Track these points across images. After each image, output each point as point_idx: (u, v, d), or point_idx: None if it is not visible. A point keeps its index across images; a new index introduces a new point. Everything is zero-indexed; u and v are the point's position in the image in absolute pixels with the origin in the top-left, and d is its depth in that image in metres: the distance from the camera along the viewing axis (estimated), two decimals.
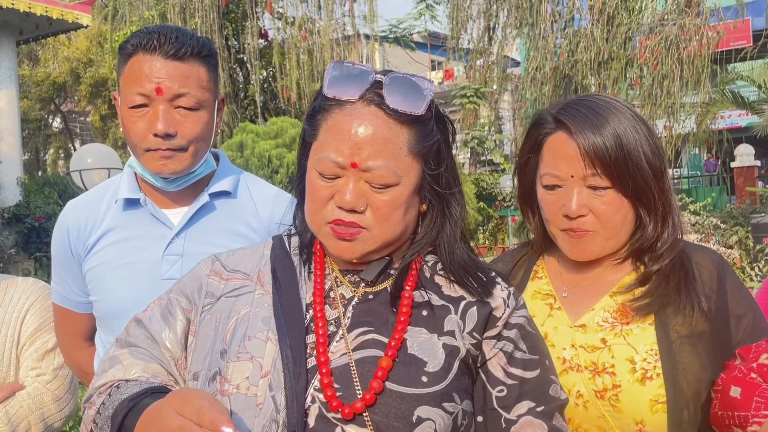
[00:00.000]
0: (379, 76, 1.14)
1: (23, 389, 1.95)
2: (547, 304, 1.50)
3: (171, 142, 1.54)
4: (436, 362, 1.10)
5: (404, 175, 1.12)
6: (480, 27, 16.39)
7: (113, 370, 1.18)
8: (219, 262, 1.26)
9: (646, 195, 1.39)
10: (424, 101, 1.12)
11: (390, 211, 1.12)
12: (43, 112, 25.81)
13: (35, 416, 1.93)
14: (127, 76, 1.56)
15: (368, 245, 1.13)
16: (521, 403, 1.13)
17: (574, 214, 1.38)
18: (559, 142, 1.41)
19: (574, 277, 1.50)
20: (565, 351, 1.42)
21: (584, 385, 1.38)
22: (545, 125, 1.45)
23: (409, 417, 1.05)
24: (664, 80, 13.32)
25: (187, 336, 1.20)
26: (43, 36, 14.08)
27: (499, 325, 1.16)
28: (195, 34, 1.60)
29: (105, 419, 1.10)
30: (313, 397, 1.07)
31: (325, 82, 1.14)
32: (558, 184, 1.41)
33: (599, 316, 1.43)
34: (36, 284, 2.08)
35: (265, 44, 15.91)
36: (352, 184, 1.11)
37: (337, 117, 1.12)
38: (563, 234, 1.42)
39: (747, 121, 19.42)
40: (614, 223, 1.39)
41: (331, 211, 1.12)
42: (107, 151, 8.14)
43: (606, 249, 1.43)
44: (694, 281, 1.40)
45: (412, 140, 1.13)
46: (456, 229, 1.20)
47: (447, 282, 1.20)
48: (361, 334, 1.13)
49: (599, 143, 1.36)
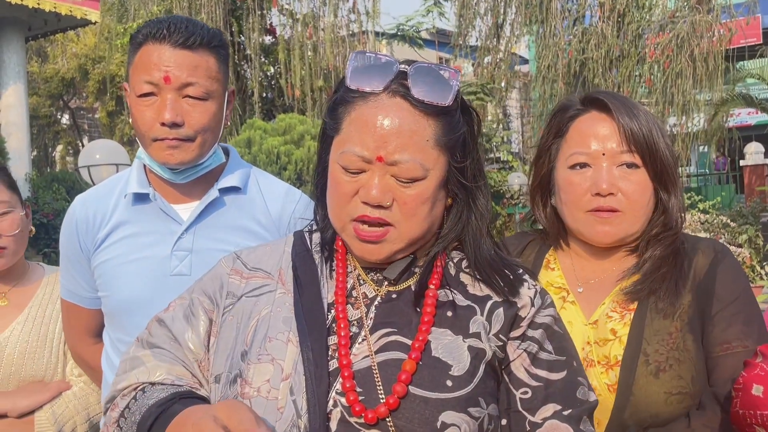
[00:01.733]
0: (404, 66, 1.10)
1: (69, 389, 1.95)
2: (560, 298, 1.50)
3: (178, 131, 1.53)
4: (461, 366, 1.07)
5: (431, 168, 1.08)
6: (488, 24, 16.33)
7: (136, 371, 1.15)
8: (240, 261, 1.23)
9: (670, 179, 1.42)
10: (451, 92, 1.08)
11: (417, 206, 1.08)
12: (52, 109, 25.91)
13: (81, 416, 1.92)
14: (137, 65, 1.55)
15: (395, 245, 1.10)
16: (547, 406, 1.09)
17: (606, 191, 1.38)
18: (592, 120, 1.43)
19: (587, 271, 1.51)
20: (582, 350, 1.42)
21: (597, 379, 1.38)
22: (571, 109, 1.46)
23: (434, 422, 1.02)
24: (677, 78, 13.24)
25: (210, 337, 1.17)
26: (52, 32, 14.13)
27: (524, 325, 1.13)
28: (206, 25, 1.59)
29: (131, 424, 1.06)
30: (335, 401, 1.04)
31: (348, 73, 1.10)
32: (587, 163, 1.41)
33: (608, 308, 1.44)
34: None
35: (272, 41, 15.91)
36: (378, 179, 1.06)
37: (361, 109, 1.08)
38: (588, 216, 1.41)
39: (756, 119, 19.33)
40: (641, 205, 1.40)
41: (356, 207, 1.08)
42: (115, 147, 8.16)
43: (629, 233, 1.43)
44: (683, 270, 1.41)
45: (439, 132, 1.09)
46: (482, 223, 1.16)
47: (472, 280, 1.16)
48: (384, 335, 1.09)
49: (635, 124, 1.39)
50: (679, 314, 1.38)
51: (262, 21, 15.32)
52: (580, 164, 1.42)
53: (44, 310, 2.00)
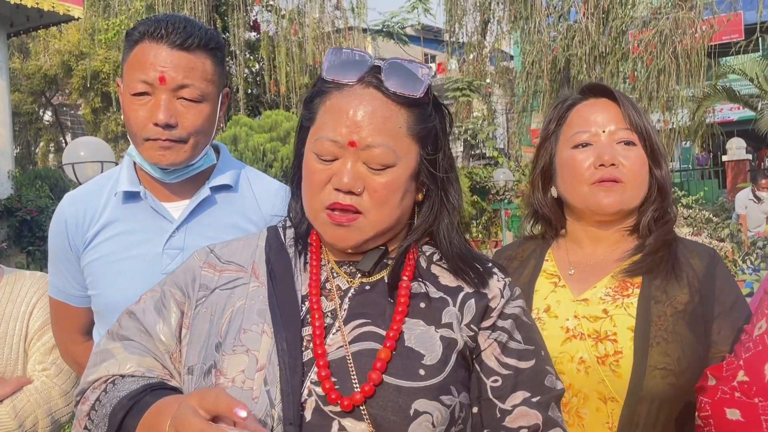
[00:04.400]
0: (378, 61, 1.15)
1: (31, 383, 1.94)
2: (551, 282, 1.57)
3: (171, 132, 1.52)
4: (434, 355, 1.10)
5: (403, 156, 1.13)
6: (476, 21, 16.37)
7: (106, 364, 1.16)
8: (213, 254, 1.25)
9: (661, 156, 1.54)
10: (423, 84, 1.13)
11: (387, 194, 1.12)
12: (34, 106, 25.63)
13: (42, 410, 1.92)
14: (132, 63, 1.54)
15: (364, 232, 1.13)
16: (516, 394, 1.13)
17: (609, 161, 1.48)
18: (591, 105, 1.56)
19: (581, 257, 1.58)
20: (568, 321, 1.48)
21: (587, 352, 1.43)
22: (571, 98, 1.59)
23: (407, 410, 1.05)
24: (660, 74, 13.34)
25: (182, 329, 1.19)
26: (34, 28, 13.95)
27: (494, 316, 1.16)
28: (203, 26, 1.59)
29: (102, 417, 1.08)
30: (309, 391, 1.07)
31: (324, 66, 1.16)
32: (589, 142, 1.52)
33: (602, 291, 1.50)
34: (44, 278, 2.07)
35: (257, 37, 15.83)
36: (350, 164, 1.11)
37: (336, 98, 1.13)
38: (593, 187, 1.51)
39: (738, 114, 19.49)
40: (641, 177, 1.51)
41: (329, 195, 1.12)
42: (100, 145, 8.09)
43: (630, 204, 1.52)
44: (678, 261, 1.49)
45: (411, 121, 1.14)
46: (454, 217, 1.20)
47: (444, 272, 1.20)
48: (358, 326, 1.12)
49: (631, 108, 1.52)
50: (670, 302, 1.44)
51: (246, 17, 15.24)
52: (582, 143, 1.53)
53: (3, 308, 1.99)
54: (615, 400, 1.40)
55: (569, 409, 1.43)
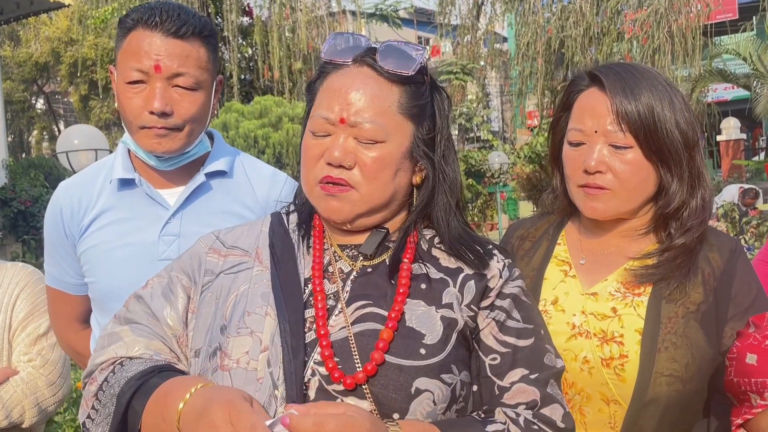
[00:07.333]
0: (375, 44, 1.20)
1: (17, 374, 1.95)
2: (562, 271, 1.52)
3: (166, 120, 1.52)
4: (434, 335, 1.12)
5: (393, 133, 1.15)
6: (469, 2, 16.29)
7: (115, 346, 1.18)
8: (218, 240, 1.27)
9: (673, 158, 1.39)
10: (415, 62, 1.16)
11: (378, 169, 1.14)
12: (26, 94, 25.48)
13: (29, 401, 1.92)
14: (126, 51, 1.53)
15: (356, 206, 1.15)
16: (515, 371, 1.15)
17: (592, 169, 1.39)
18: (590, 97, 1.44)
19: (594, 244, 1.52)
20: (575, 317, 1.43)
21: (591, 352, 1.39)
22: (580, 82, 1.48)
23: (408, 389, 1.07)
24: (655, 54, 13.31)
25: (188, 313, 1.21)
26: (25, 16, 13.85)
27: (492, 295, 1.19)
28: (197, 13, 1.58)
29: (110, 397, 1.10)
30: (313, 371, 1.09)
31: (324, 49, 1.21)
32: (582, 141, 1.43)
33: (612, 286, 1.45)
34: (26, 269, 2.06)
35: (250, 22, 15.73)
36: (341, 140, 1.14)
37: (332, 79, 1.18)
38: (580, 190, 1.44)
39: (733, 94, 19.48)
40: (632, 184, 1.40)
41: (322, 169, 1.15)
42: (94, 133, 8.07)
43: (621, 211, 1.43)
44: (696, 262, 1.40)
45: (403, 99, 1.17)
46: (452, 198, 1.22)
47: (444, 254, 1.22)
48: (360, 307, 1.14)
49: (630, 105, 1.38)
50: (683, 302, 1.39)
51: (239, 2, 15.13)
52: (576, 143, 1.44)
53: None
54: (618, 403, 1.36)
55: (572, 407, 1.39)
